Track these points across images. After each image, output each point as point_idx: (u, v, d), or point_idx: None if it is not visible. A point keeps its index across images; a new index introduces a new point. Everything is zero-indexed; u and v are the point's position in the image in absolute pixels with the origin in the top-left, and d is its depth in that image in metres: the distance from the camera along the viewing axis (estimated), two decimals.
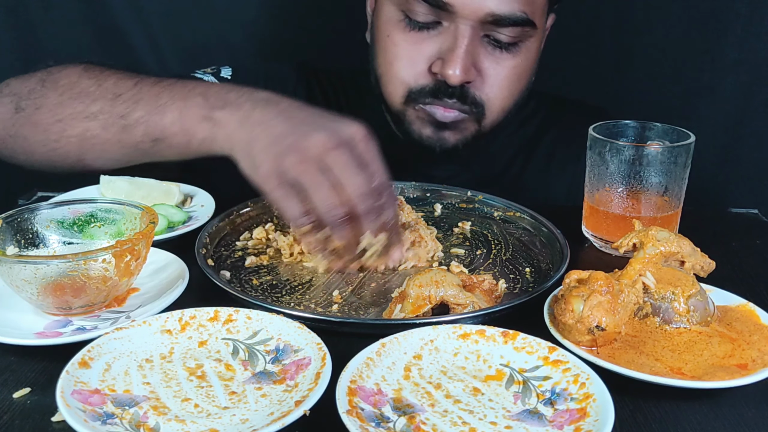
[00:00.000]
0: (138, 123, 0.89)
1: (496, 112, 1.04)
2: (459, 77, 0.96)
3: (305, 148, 0.77)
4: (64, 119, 0.93)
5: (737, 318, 0.70)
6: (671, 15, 1.39)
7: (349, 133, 0.79)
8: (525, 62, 1.02)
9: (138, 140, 0.90)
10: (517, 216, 0.98)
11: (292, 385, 0.60)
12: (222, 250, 0.89)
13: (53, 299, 0.68)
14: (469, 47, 0.96)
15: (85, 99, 0.93)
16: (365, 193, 0.77)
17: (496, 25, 0.95)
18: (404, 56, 1.01)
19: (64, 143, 0.94)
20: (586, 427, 0.55)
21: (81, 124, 0.92)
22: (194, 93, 0.88)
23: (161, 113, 0.88)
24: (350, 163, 0.77)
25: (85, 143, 0.93)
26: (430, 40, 0.99)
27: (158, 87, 0.91)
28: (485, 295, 0.76)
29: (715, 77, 1.40)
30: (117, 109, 0.91)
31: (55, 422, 0.57)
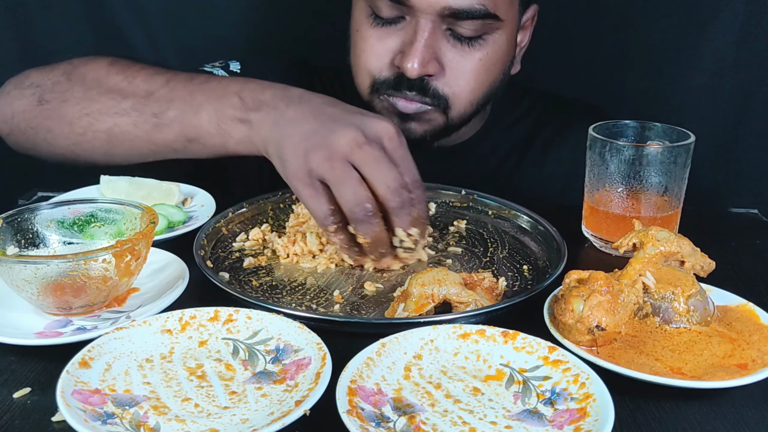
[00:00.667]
0: (172, 122, 0.89)
1: (463, 105, 1.04)
2: (417, 70, 0.96)
3: (333, 144, 0.77)
4: (92, 113, 0.93)
5: (737, 318, 0.70)
6: (671, 15, 1.39)
7: (378, 129, 0.79)
8: (493, 54, 1.01)
9: (171, 139, 0.90)
10: (512, 214, 0.98)
11: (292, 385, 0.60)
12: (219, 251, 0.89)
13: (53, 299, 0.68)
14: (429, 41, 0.96)
15: (116, 95, 0.93)
16: (397, 188, 0.77)
17: (456, 18, 0.95)
18: (369, 49, 1.02)
19: (91, 137, 0.93)
20: (586, 427, 0.55)
21: (110, 119, 0.92)
22: (229, 92, 0.88)
23: (196, 113, 0.88)
24: (381, 159, 0.77)
25: (114, 139, 0.93)
26: (394, 35, 1.00)
27: (192, 85, 0.91)
28: (486, 293, 0.76)
29: (715, 77, 1.40)
30: (150, 108, 0.90)
31: (55, 422, 0.57)
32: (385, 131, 0.79)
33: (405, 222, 0.79)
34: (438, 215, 1.01)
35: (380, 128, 0.79)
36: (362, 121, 0.80)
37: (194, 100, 0.89)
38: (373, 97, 1.04)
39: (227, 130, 0.87)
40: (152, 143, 0.91)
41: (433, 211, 1.02)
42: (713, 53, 1.39)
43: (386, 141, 0.79)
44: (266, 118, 0.84)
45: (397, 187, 0.77)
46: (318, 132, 0.79)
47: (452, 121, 1.05)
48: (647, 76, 1.43)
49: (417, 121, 1.04)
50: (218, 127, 0.87)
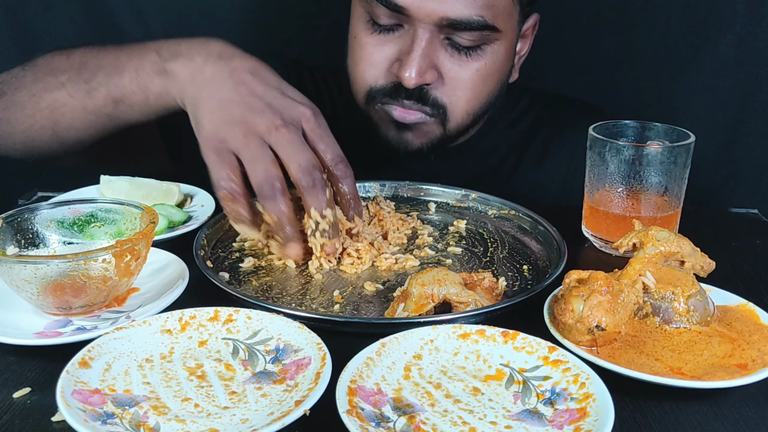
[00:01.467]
0: (100, 85, 0.92)
1: (460, 115, 1.03)
2: (414, 80, 0.96)
3: (251, 123, 0.79)
4: (37, 93, 0.96)
5: (737, 318, 0.70)
6: (671, 15, 1.39)
7: (296, 112, 0.81)
8: (491, 65, 1.01)
9: (101, 104, 0.92)
10: (512, 214, 0.98)
11: (292, 385, 0.60)
12: (219, 251, 0.89)
13: (53, 299, 0.68)
14: (426, 50, 0.96)
15: (56, 72, 0.96)
16: (308, 167, 0.78)
17: (454, 29, 0.95)
18: (367, 57, 1.01)
19: (38, 117, 0.97)
20: (586, 427, 0.55)
21: (51, 94, 0.95)
22: (149, 49, 0.90)
23: (120, 73, 0.91)
24: (295, 141, 0.79)
25: (56, 113, 0.95)
26: (392, 43, 0.99)
27: (119, 51, 0.94)
28: (486, 293, 0.76)
29: (714, 77, 1.40)
30: (81, 76, 0.93)
31: (55, 422, 0.57)
32: (303, 114, 0.81)
33: (317, 202, 0.79)
34: (438, 215, 1.01)
35: (298, 112, 0.81)
36: (281, 103, 0.81)
37: (118, 61, 0.92)
38: (369, 107, 1.04)
39: (146, 85, 0.89)
40: (86, 111, 0.94)
41: (432, 211, 1.02)
42: (713, 53, 1.39)
43: (304, 123, 0.81)
44: (182, 68, 0.86)
45: (309, 167, 0.78)
46: (237, 105, 0.80)
47: (449, 132, 1.05)
48: (647, 76, 1.43)
49: (414, 132, 1.04)
50: (139, 83, 0.89)
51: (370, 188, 1.04)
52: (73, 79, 0.94)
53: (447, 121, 1.03)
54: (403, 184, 1.05)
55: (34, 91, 0.97)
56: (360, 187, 1.03)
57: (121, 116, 0.93)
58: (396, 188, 1.05)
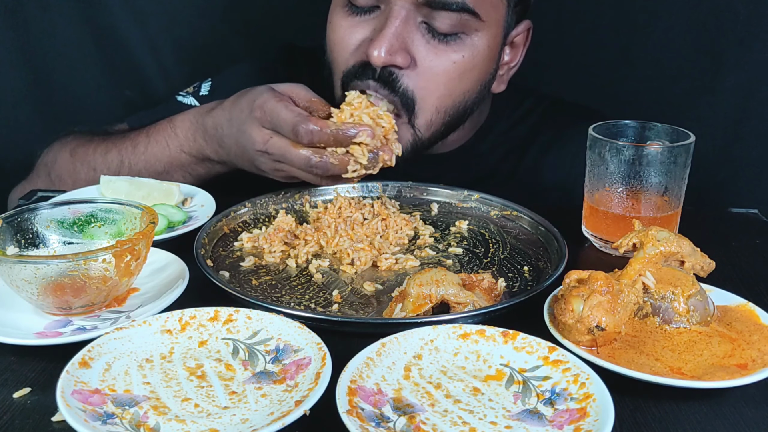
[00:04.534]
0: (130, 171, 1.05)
1: (429, 111, 0.99)
2: (382, 58, 0.92)
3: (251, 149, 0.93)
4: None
5: (737, 318, 0.70)
6: (671, 15, 1.39)
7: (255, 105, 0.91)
8: (470, 59, 0.97)
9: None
10: (514, 215, 0.98)
11: (292, 385, 0.60)
12: (220, 250, 0.89)
13: (53, 299, 0.68)
14: (400, 29, 0.93)
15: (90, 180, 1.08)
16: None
17: (431, 8, 0.92)
18: (339, 41, 0.99)
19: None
20: (586, 427, 0.55)
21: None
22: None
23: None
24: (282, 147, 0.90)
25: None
26: (366, 24, 0.97)
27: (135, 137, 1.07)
28: (485, 294, 0.76)
29: (715, 77, 1.40)
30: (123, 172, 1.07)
31: (55, 422, 0.57)
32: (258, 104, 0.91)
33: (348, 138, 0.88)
34: (440, 216, 1.01)
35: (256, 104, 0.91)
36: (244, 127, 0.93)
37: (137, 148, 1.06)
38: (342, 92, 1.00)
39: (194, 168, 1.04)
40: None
41: (435, 211, 1.02)
42: (714, 53, 1.39)
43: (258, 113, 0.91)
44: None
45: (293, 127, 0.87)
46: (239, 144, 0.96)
47: (419, 131, 1.00)
48: (647, 76, 1.43)
49: None
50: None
51: (373, 188, 1.04)
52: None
53: (415, 116, 0.99)
54: (406, 184, 1.05)
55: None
56: (363, 186, 1.03)
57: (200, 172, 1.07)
58: (399, 188, 1.05)
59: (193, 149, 1.02)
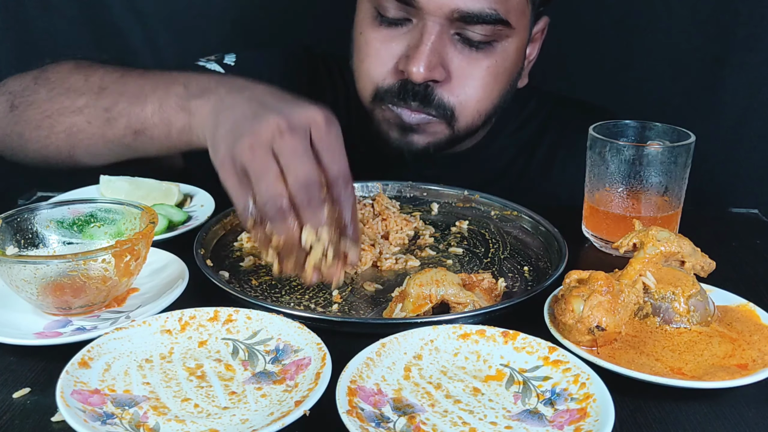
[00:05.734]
0: (120, 115, 0.88)
1: (469, 116, 1.00)
2: (422, 75, 0.93)
3: (257, 131, 0.71)
4: (53, 115, 0.93)
5: (737, 318, 0.70)
6: (672, 15, 1.39)
7: (305, 117, 0.72)
8: (502, 63, 0.99)
9: (121, 133, 0.89)
10: (514, 215, 0.98)
11: (292, 385, 0.59)
12: (220, 250, 0.89)
13: (53, 299, 0.68)
14: (435, 44, 0.93)
15: (72, 94, 0.92)
16: (305, 182, 0.69)
17: (465, 22, 0.93)
18: (373, 54, 0.99)
19: (54, 139, 0.93)
20: (586, 427, 0.55)
21: (68, 119, 0.92)
22: (176, 83, 0.86)
23: (142, 104, 0.87)
24: (298, 149, 0.70)
25: (73, 138, 0.92)
26: (400, 38, 0.97)
27: (143, 78, 0.90)
28: (485, 294, 0.76)
29: (715, 77, 1.40)
30: (101, 102, 0.90)
31: (55, 422, 0.57)
32: (312, 119, 0.72)
33: (313, 220, 0.69)
34: (440, 216, 1.01)
35: (308, 115, 0.72)
36: (290, 108, 0.73)
37: (142, 91, 0.88)
38: (375, 106, 1.01)
39: (170, 119, 0.85)
40: (106, 140, 0.91)
41: (435, 211, 1.01)
42: (715, 53, 1.39)
43: (313, 129, 0.71)
44: (205, 104, 0.81)
45: (307, 181, 0.69)
46: (247, 119, 0.73)
47: (458, 132, 1.02)
48: (649, 76, 1.43)
49: (419, 134, 1.01)
50: (162, 116, 0.85)
51: (373, 188, 1.04)
52: (91, 105, 0.90)
53: (455, 121, 1.00)
54: (406, 184, 1.05)
55: (49, 112, 0.93)
56: (363, 186, 1.03)
57: (139, 147, 0.90)
58: (399, 188, 1.05)
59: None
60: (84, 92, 0.92)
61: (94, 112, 0.90)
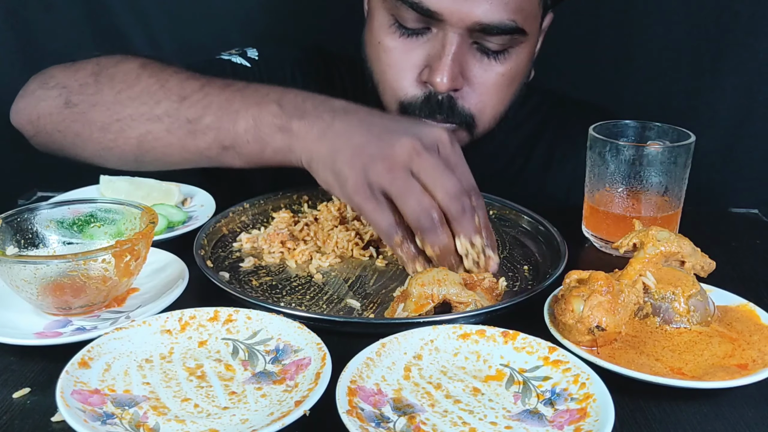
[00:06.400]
0: (208, 129, 0.86)
1: (487, 121, 1.03)
2: (446, 85, 0.94)
3: (391, 155, 0.75)
4: (124, 119, 0.90)
5: (737, 318, 0.70)
6: (672, 15, 1.39)
7: (433, 137, 0.78)
8: (516, 68, 1.00)
9: (205, 147, 0.87)
10: (513, 214, 0.98)
11: (292, 385, 0.60)
12: (219, 251, 0.89)
13: (53, 299, 0.68)
14: (456, 54, 0.94)
15: (148, 100, 0.89)
16: (457, 193, 0.75)
17: (485, 33, 0.94)
18: (395, 65, 0.99)
19: (122, 143, 0.90)
20: (586, 427, 0.55)
21: (143, 125, 0.89)
22: (268, 100, 0.85)
23: (233, 120, 0.85)
24: (439, 166, 0.76)
25: (146, 145, 0.90)
26: (420, 47, 0.97)
27: (228, 91, 0.88)
28: (486, 293, 0.76)
29: (715, 77, 1.40)
30: (184, 113, 0.87)
31: (55, 422, 0.57)
32: (440, 138, 0.79)
33: (468, 229, 0.76)
34: None
35: (435, 135, 0.79)
36: (417, 129, 0.79)
37: (231, 106, 0.86)
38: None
39: (265, 139, 0.84)
40: (185, 150, 0.89)
41: None
42: (715, 53, 1.39)
43: (441, 148, 0.78)
44: (310, 128, 0.81)
45: (457, 193, 0.75)
46: (374, 144, 0.77)
47: (477, 137, 1.04)
48: (648, 76, 1.43)
49: None
50: (256, 134, 0.84)
51: None
52: (173, 115, 0.87)
53: (475, 127, 1.01)
54: None
55: (119, 115, 0.89)
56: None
57: (224, 161, 0.88)
58: None
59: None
60: (161, 99, 0.89)
61: (177, 122, 0.87)
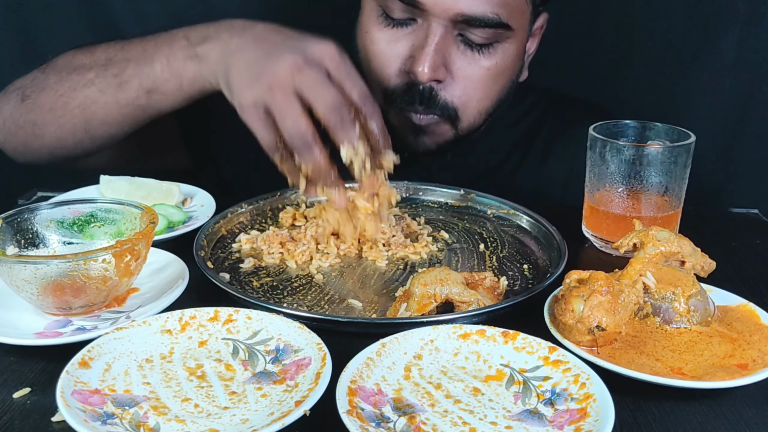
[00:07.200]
0: (131, 78, 0.92)
1: (472, 115, 1.03)
2: (427, 75, 0.95)
3: (274, 72, 0.78)
4: (65, 93, 0.96)
5: (737, 318, 0.70)
6: (671, 15, 1.39)
7: (318, 50, 0.80)
8: (502, 63, 1.01)
9: (134, 95, 0.93)
10: (511, 214, 0.98)
11: (292, 385, 0.60)
12: (219, 251, 0.89)
13: (53, 299, 0.68)
14: (439, 45, 0.95)
15: (81, 70, 0.96)
16: (335, 105, 0.78)
17: (468, 25, 0.95)
18: (380, 54, 1.01)
19: (69, 117, 0.96)
20: (587, 427, 0.55)
21: (80, 93, 0.95)
22: (177, 37, 0.91)
23: (150, 63, 0.91)
24: (319, 79, 0.78)
25: (87, 111, 0.95)
26: (405, 38, 0.99)
27: (144, 42, 0.94)
28: (488, 293, 0.76)
29: (715, 77, 1.40)
30: (110, 71, 0.94)
31: (55, 422, 0.57)
32: (326, 52, 0.80)
33: (348, 137, 0.79)
34: (437, 215, 1.01)
35: (320, 49, 0.80)
36: (303, 45, 0.81)
37: (146, 52, 0.92)
38: (388, 108, 1.02)
39: (180, 72, 0.89)
40: (120, 105, 0.94)
41: (432, 210, 1.01)
42: (714, 53, 1.39)
43: (327, 61, 0.80)
44: (212, 49, 0.87)
45: (335, 105, 0.78)
46: (261, 61, 0.80)
47: (461, 132, 1.04)
48: (648, 76, 1.43)
49: (428, 135, 1.04)
50: (171, 70, 0.90)
51: None
52: (101, 75, 0.94)
53: (459, 121, 1.02)
54: (401, 184, 1.05)
55: (61, 91, 0.96)
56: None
57: (154, 105, 0.94)
58: (396, 188, 1.05)
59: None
60: (92, 67, 0.95)
61: (105, 81, 0.94)
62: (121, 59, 0.94)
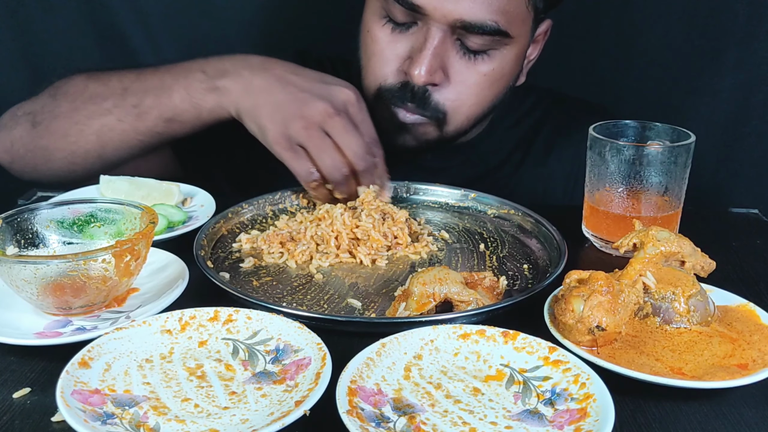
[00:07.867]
0: (151, 108, 0.98)
1: (460, 121, 1.04)
2: (423, 78, 0.97)
3: (307, 114, 0.90)
4: (80, 121, 1.01)
5: (737, 318, 0.70)
6: (671, 15, 1.38)
7: (343, 98, 0.93)
8: (499, 70, 1.02)
9: (152, 124, 0.99)
10: (511, 214, 0.98)
11: (292, 385, 0.60)
12: (219, 251, 0.89)
13: (53, 299, 0.68)
14: (437, 49, 0.97)
15: (97, 99, 1.01)
16: (363, 153, 0.92)
17: (467, 31, 0.96)
18: (379, 53, 1.02)
19: (83, 143, 1.01)
20: (587, 427, 0.55)
21: (97, 121, 1.00)
22: (193, 69, 0.98)
23: (169, 94, 0.97)
24: (348, 127, 0.91)
25: (103, 137, 1.00)
26: (405, 40, 1.00)
27: (159, 73, 1.00)
28: (487, 292, 0.76)
29: (715, 77, 1.40)
30: (128, 101, 0.99)
31: (55, 422, 0.57)
32: (348, 99, 0.93)
33: (369, 181, 0.94)
34: (437, 214, 1.01)
35: (344, 97, 0.93)
36: (328, 91, 0.93)
37: (164, 83, 0.98)
38: (376, 103, 1.04)
39: (199, 102, 0.96)
40: (138, 132, 0.99)
41: (432, 210, 1.01)
42: (714, 53, 1.39)
43: (350, 108, 0.93)
44: (233, 83, 0.95)
45: (363, 153, 0.92)
46: (291, 103, 0.92)
47: (446, 134, 1.05)
48: (648, 76, 1.43)
49: (410, 133, 1.04)
50: (190, 101, 0.96)
51: None
52: (119, 105, 0.99)
53: (446, 125, 1.03)
54: (402, 183, 1.05)
55: (76, 119, 1.01)
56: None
57: (170, 132, 1.00)
58: (396, 188, 1.05)
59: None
60: (108, 96, 1.00)
61: (123, 110, 0.99)
62: (138, 90, 0.99)
